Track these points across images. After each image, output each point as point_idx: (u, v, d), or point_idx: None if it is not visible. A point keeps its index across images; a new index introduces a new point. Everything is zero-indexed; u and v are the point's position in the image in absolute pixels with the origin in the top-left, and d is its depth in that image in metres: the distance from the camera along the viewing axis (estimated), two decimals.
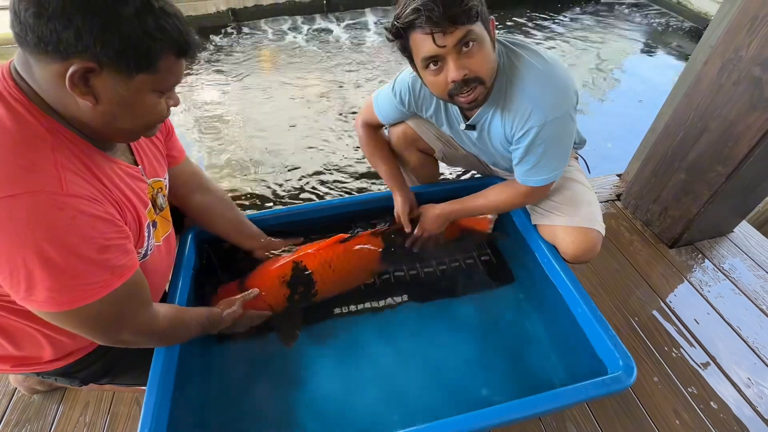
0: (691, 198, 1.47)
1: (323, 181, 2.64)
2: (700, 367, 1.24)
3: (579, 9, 5.33)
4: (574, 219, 1.13)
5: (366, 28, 4.84)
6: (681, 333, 1.33)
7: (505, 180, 1.33)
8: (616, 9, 5.40)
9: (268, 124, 3.19)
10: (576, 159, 1.35)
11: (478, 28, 0.84)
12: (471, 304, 1.25)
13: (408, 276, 1.29)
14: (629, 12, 5.35)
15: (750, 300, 1.43)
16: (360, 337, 1.16)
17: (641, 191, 1.68)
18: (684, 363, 1.25)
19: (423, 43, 0.86)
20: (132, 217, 0.73)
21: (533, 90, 0.95)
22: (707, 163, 1.38)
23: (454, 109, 1.11)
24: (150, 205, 0.81)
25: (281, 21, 4.98)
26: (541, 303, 1.20)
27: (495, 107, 1.02)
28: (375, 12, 5.18)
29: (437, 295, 1.26)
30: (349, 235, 1.17)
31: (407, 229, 1.25)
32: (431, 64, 0.89)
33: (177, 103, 0.71)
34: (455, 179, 2.48)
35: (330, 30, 4.76)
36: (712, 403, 1.16)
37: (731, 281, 1.49)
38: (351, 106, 3.40)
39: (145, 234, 0.77)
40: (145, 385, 0.83)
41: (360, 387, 1.07)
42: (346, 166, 2.77)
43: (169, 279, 1.02)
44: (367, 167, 2.74)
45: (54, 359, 0.83)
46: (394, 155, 1.34)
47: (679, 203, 1.52)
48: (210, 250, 1.22)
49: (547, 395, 0.84)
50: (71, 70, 0.55)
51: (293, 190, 2.59)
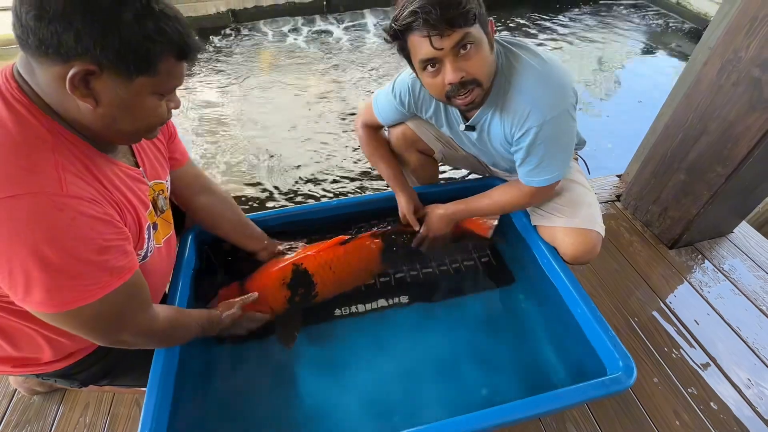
0: (691, 199, 1.47)
1: (323, 183, 2.64)
2: (700, 368, 1.24)
3: (578, 10, 5.34)
4: (573, 220, 1.13)
5: (366, 29, 4.85)
6: (681, 334, 1.33)
7: (506, 181, 1.34)
8: (615, 10, 5.41)
9: (267, 125, 3.20)
10: (576, 160, 1.35)
11: (475, 30, 0.84)
12: (471, 305, 1.25)
13: (408, 277, 1.29)
14: (628, 13, 5.36)
15: (750, 300, 1.43)
16: (360, 339, 1.16)
17: (641, 192, 1.68)
18: (684, 364, 1.25)
19: (420, 46, 0.86)
20: (132, 219, 0.73)
21: (531, 90, 0.95)
22: (707, 164, 1.38)
23: (453, 110, 1.12)
24: (151, 207, 0.81)
25: (281, 22, 4.98)
26: (541, 304, 1.20)
27: (494, 108, 1.02)
28: (375, 13, 5.19)
29: (437, 297, 1.26)
30: (350, 237, 1.17)
31: (416, 227, 1.24)
32: (429, 65, 0.89)
33: (178, 106, 0.71)
34: (456, 180, 2.48)
35: (330, 32, 4.77)
36: (712, 404, 1.16)
37: (731, 282, 1.49)
38: (351, 107, 3.40)
39: (145, 236, 0.77)
40: (145, 387, 0.83)
41: (360, 388, 1.07)
42: (345, 167, 2.77)
43: (170, 280, 1.02)
44: (367, 168, 2.74)
45: (53, 360, 0.83)
46: (394, 155, 1.34)
47: (679, 204, 1.52)
48: (210, 251, 1.22)
49: (547, 396, 0.84)
50: (71, 72, 0.55)
51: (293, 191, 2.60)
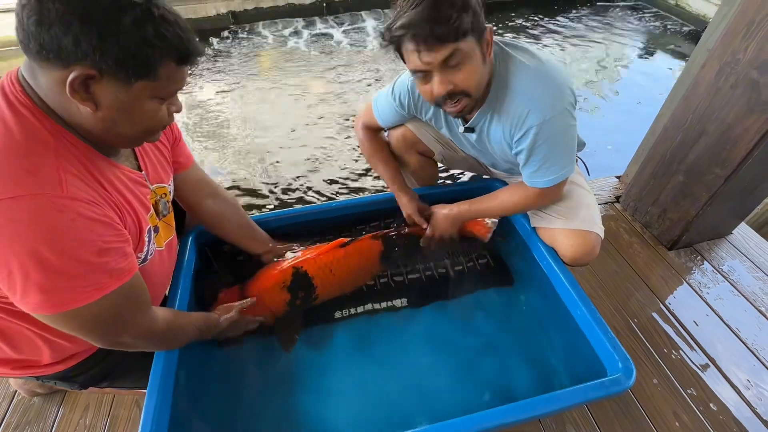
0: (690, 200, 1.47)
1: (323, 185, 2.65)
2: (699, 369, 1.24)
3: (575, 11, 5.35)
4: (573, 222, 1.13)
5: (366, 30, 4.86)
6: (680, 335, 1.33)
7: (506, 182, 1.34)
8: (614, 11, 5.43)
9: (267, 127, 3.19)
10: (575, 161, 1.35)
11: (466, 44, 0.85)
12: (471, 306, 1.25)
13: (408, 279, 1.30)
14: (627, 14, 5.37)
15: (749, 302, 1.43)
16: (359, 340, 1.16)
17: (640, 193, 1.68)
18: (683, 365, 1.25)
19: (410, 57, 0.88)
20: (132, 221, 0.73)
21: (529, 90, 0.95)
22: (706, 166, 1.38)
23: None
24: (152, 210, 0.81)
25: (281, 24, 4.99)
26: (541, 305, 1.20)
27: (493, 109, 1.02)
28: (375, 14, 5.20)
29: (437, 298, 1.26)
30: (350, 240, 1.17)
31: (423, 225, 1.24)
32: (419, 73, 0.91)
33: (179, 109, 0.71)
34: (457, 181, 2.49)
35: (330, 33, 4.77)
36: (711, 405, 1.16)
37: (730, 283, 1.50)
38: (351, 109, 3.40)
39: (146, 238, 0.77)
40: (145, 389, 0.83)
41: (359, 390, 1.07)
42: (346, 169, 2.77)
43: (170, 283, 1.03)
44: (366, 168, 2.74)
45: (53, 363, 0.83)
46: (393, 157, 1.35)
47: (678, 205, 1.52)
48: (210, 253, 1.22)
49: (547, 397, 0.85)
50: (71, 76, 0.55)
51: (293, 193, 2.59)
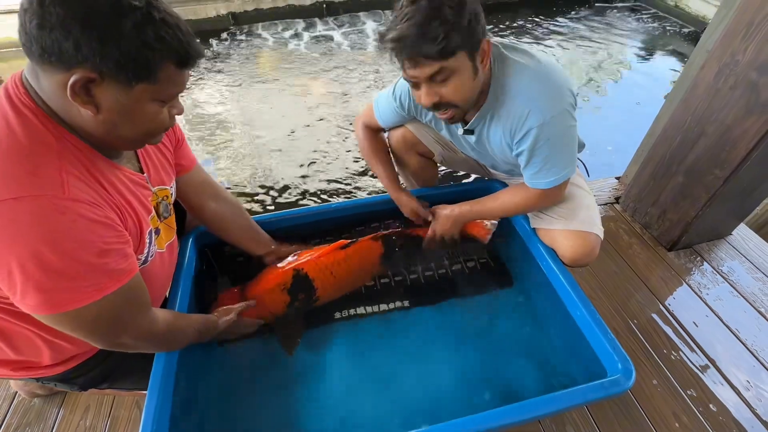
0: (690, 201, 1.48)
1: (322, 186, 2.65)
2: (699, 370, 1.25)
3: (575, 12, 5.36)
4: (572, 223, 1.13)
5: (366, 32, 4.86)
6: (680, 336, 1.33)
7: (506, 183, 1.34)
8: (613, 13, 5.44)
9: (267, 129, 3.20)
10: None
11: (454, 61, 0.86)
12: (471, 307, 1.25)
13: (408, 280, 1.30)
14: (626, 15, 5.38)
15: (749, 302, 1.44)
16: (360, 342, 1.17)
17: (640, 194, 1.68)
18: (683, 366, 1.26)
19: (402, 66, 0.90)
20: (133, 223, 0.73)
21: (529, 91, 0.95)
22: (705, 167, 1.39)
23: None
24: (153, 212, 0.81)
25: (281, 25, 5.00)
26: (541, 306, 1.21)
27: (492, 111, 1.02)
28: (375, 16, 5.20)
29: (437, 299, 1.26)
30: (350, 241, 1.17)
31: (429, 218, 1.25)
32: (410, 80, 0.93)
33: (181, 112, 0.71)
34: (458, 182, 2.49)
35: (330, 35, 4.78)
36: (711, 406, 1.17)
37: (730, 284, 1.50)
38: (351, 111, 3.40)
39: (146, 240, 0.77)
40: (146, 390, 0.83)
41: (359, 391, 1.07)
42: (346, 171, 2.77)
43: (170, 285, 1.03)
44: (366, 169, 2.74)
45: (53, 364, 0.83)
46: (390, 158, 1.35)
47: (678, 206, 1.53)
48: (211, 254, 1.22)
49: (547, 398, 0.85)
50: (72, 79, 0.55)
51: (292, 195, 2.60)
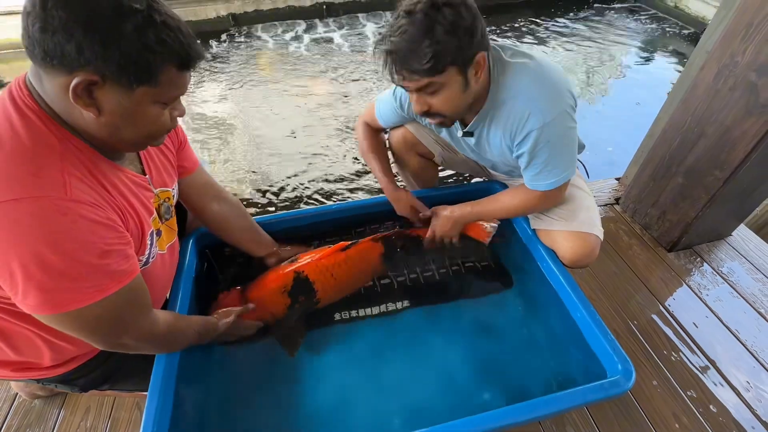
0: (689, 202, 1.48)
1: (323, 189, 2.64)
2: (699, 371, 1.25)
3: (573, 14, 5.37)
4: (572, 224, 1.13)
5: (366, 33, 4.86)
6: (680, 336, 1.33)
7: (506, 184, 1.35)
8: (613, 14, 5.44)
9: (267, 131, 3.19)
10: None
11: (443, 77, 0.86)
12: (471, 308, 1.25)
13: (408, 281, 1.30)
14: (625, 16, 5.39)
15: (748, 303, 1.44)
16: (361, 343, 1.16)
17: (640, 195, 1.69)
18: (683, 366, 1.26)
19: (391, 78, 0.91)
20: (134, 224, 0.73)
21: (528, 93, 0.95)
22: (705, 168, 1.39)
23: None
24: (155, 214, 0.82)
25: (281, 26, 5.00)
26: (541, 307, 1.21)
27: (492, 113, 1.03)
28: (375, 17, 5.21)
29: (437, 300, 1.26)
30: (351, 243, 1.17)
31: (428, 213, 1.24)
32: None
33: (183, 114, 0.72)
34: (458, 183, 2.49)
35: (330, 37, 4.78)
36: (711, 407, 1.17)
37: (730, 285, 1.50)
38: (351, 112, 3.40)
39: (148, 242, 0.78)
40: (146, 391, 0.83)
41: (360, 392, 1.07)
42: (346, 174, 2.76)
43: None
44: (365, 170, 2.74)
45: (54, 365, 0.83)
46: (387, 156, 1.35)
47: (678, 207, 1.53)
48: (211, 256, 1.22)
49: (547, 399, 0.85)
50: (74, 82, 0.56)
51: (292, 198, 2.59)
